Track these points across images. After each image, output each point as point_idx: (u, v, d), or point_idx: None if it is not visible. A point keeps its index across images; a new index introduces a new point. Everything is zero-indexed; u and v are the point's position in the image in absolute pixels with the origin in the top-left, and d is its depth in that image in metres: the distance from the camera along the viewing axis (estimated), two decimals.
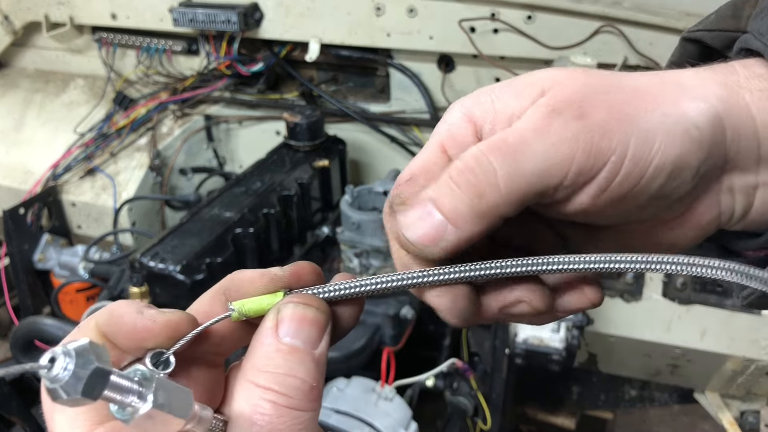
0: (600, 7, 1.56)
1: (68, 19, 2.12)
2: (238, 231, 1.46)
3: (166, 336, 0.37)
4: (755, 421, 1.79)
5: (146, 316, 0.37)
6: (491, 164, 0.36)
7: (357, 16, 1.79)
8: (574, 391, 2.11)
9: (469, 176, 0.36)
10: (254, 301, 0.38)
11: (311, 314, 0.37)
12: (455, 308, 0.40)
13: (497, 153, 0.36)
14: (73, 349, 0.29)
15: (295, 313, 0.37)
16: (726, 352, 1.66)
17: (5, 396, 1.64)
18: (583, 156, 0.36)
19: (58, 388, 0.28)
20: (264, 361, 0.35)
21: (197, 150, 2.18)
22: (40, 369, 0.29)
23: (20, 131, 2.20)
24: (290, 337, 0.36)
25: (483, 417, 1.57)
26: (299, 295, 0.38)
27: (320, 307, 0.38)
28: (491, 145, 0.36)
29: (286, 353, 0.36)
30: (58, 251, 1.97)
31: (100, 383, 0.29)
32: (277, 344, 0.36)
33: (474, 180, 0.36)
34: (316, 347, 0.37)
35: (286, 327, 0.36)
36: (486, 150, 0.36)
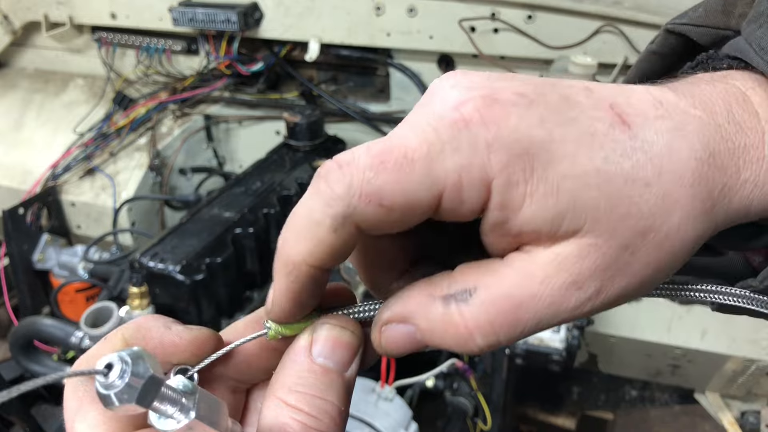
0: (600, 7, 1.55)
1: (68, 18, 2.12)
2: (238, 231, 1.46)
3: (192, 353, 0.37)
4: (756, 422, 1.78)
5: (173, 332, 0.37)
6: (497, 339, 0.34)
7: (357, 16, 1.79)
8: (575, 392, 2.11)
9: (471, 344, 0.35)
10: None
11: (346, 337, 0.37)
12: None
13: (506, 330, 0.34)
14: (130, 357, 0.29)
15: (330, 335, 0.36)
16: (726, 352, 1.66)
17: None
18: (578, 317, 0.36)
19: (111, 394, 0.29)
20: (295, 380, 0.35)
21: (197, 150, 2.18)
22: (97, 375, 0.29)
23: (20, 131, 2.19)
24: (323, 358, 0.36)
25: (483, 417, 1.56)
26: (335, 317, 0.38)
27: (355, 330, 0.38)
28: (502, 321, 0.34)
29: (319, 374, 0.35)
30: (58, 251, 1.97)
31: (153, 392, 0.30)
32: (310, 364, 0.36)
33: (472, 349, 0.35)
34: (347, 370, 0.37)
35: (320, 347, 0.36)
36: (497, 326, 0.34)
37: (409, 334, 0.35)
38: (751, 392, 1.79)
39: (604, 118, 0.33)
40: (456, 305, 0.34)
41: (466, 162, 0.31)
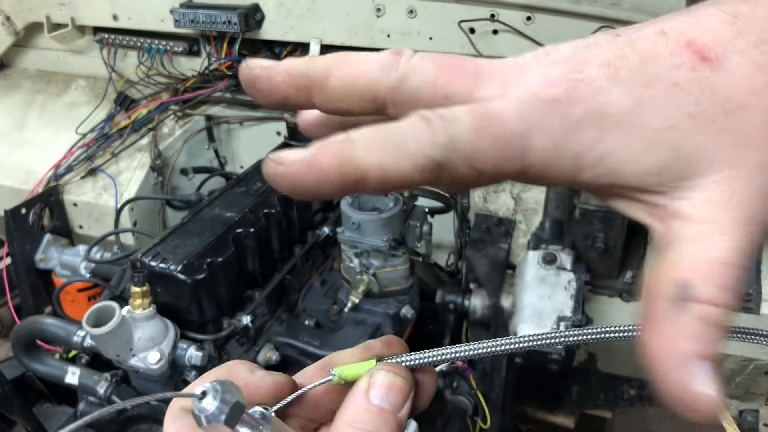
0: (599, 8, 1.56)
1: (69, 19, 2.13)
2: (239, 231, 1.47)
3: (271, 395, 0.43)
4: (754, 421, 1.79)
5: (257, 376, 0.43)
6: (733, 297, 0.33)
7: (357, 17, 1.80)
8: (574, 391, 2.11)
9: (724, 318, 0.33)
10: (352, 368, 0.44)
11: (399, 382, 0.42)
12: None
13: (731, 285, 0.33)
14: (221, 386, 0.36)
15: (384, 380, 0.42)
16: (725, 351, 1.67)
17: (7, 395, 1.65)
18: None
19: (203, 416, 0.36)
20: (354, 417, 0.41)
21: (198, 150, 2.19)
22: (193, 398, 0.36)
23: (22, 132, 2.20)
24: (379, 399, 0.41)
25: (483, 416, 1.57)
26: (390, 365, 0.43)
27: (406, 377, 0.43)
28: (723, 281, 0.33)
29: (374, 413, 0.41)
30: (60, 251, 1.98)
31: (237, 415, 0.36)
32: (367, 404, 0.41)
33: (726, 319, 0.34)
34: (400, 411, 0.42)
35: (376, 391, 0.41)
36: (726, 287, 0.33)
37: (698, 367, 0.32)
38: (750, 391, 1.79)
39: (685, 63, 0.33)
40: (688, 301, 0.33)
41: (557, 139, 0.33)
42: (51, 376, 1.44)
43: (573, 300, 1.52)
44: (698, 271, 0.32)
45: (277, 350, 1.49)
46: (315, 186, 0.34)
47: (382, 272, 1.58)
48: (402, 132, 0.34)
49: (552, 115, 0.33)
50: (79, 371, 1.41)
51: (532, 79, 0.34)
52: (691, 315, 0.32)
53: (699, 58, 0.33)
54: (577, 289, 1.54)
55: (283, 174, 0.35)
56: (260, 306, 1.51)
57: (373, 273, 1.56)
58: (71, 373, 1.40)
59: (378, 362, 0.44)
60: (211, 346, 1.36)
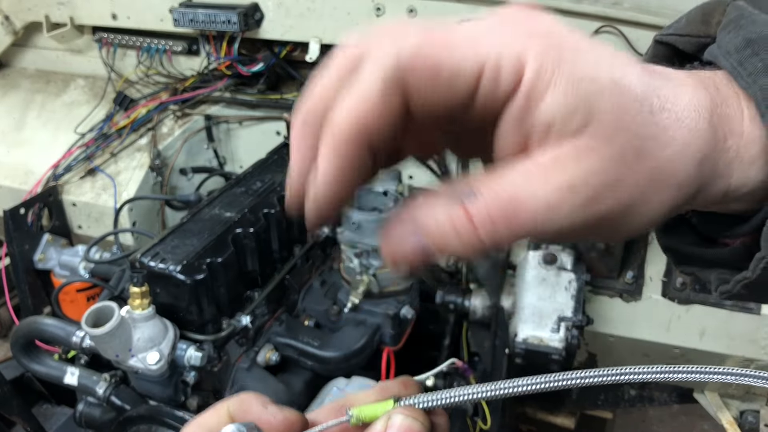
0: (600, 8, 1.56)
1: (68, 19, 2.12)
2: (239, 231, 1.46)
3: (282, 430, 0.43)
4: (755, 421, 1.79)
5: (269, 412, 0.43)
6: (497, 233, 0.36)
7: (357, 17, 1.80)
8: (574, 391, 2.11)
9: (474, 240, 0.36)
10: (369, 408, 0.43)
11: (416, 427, 0.41)
12: None
13: (505, 225, 0.36)
14: (246, 429, 0.38)
15: (403, 423, 0.41)
16: (725, 352, 1.67)
17: (6, 396, 1.64)
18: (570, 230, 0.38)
19: None
20: None
21: (197, 150, 2.18)
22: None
23: (21, 131, 2.20)
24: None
25: (483, 416, 1.57)
26: (408, 408, 0.42)
27: (424, 421, 0.42)
28: (503, 216, 0.36)
29: None
30: (59, 251, 1.98)
31: None
32: None
33: (477, 242, 0.36)
34: None
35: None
36: (497, 221, 0.36)
37: (417, 239, 0.37)
38: (750, 392, 1.79)
39: (626, 57, 0.37)
40: (459, 203, 0.36)
41: (507, 41, 0.35)
42: (50, 377, 1.43)
43: (573, 300, 1.52)
44: (489, 193, 0.35)
45: (276, 350, 1.49)
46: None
47: (382, 272, 1.57)
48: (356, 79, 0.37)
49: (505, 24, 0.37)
50: (78, 372, 1.40)
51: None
52: (449, 209, 0.36)
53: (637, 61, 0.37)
54: (577, 290, 1.54)
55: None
56: (260, 306, 1.51)
57: (373, 273, 1.56)
58: (70, 374, 1.40)
59: (396, 403, 0.43)
60: (210, 347, 1.36)
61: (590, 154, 0.35)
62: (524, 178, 0.35)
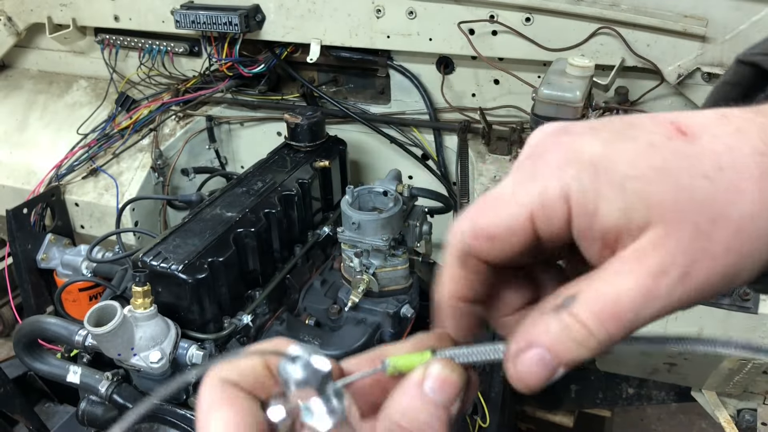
0: (598, 9, 1.57)
1: (71, 20, 2.13)
2: (240, 231, 1.48)
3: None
4: (752, 419, 1.80)
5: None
6: (608, 333, 0.37)
7: (357, 18, 1.81)
8: (573, 390, 2.12)
9: (591, 342, 0.37)
10: (406, 359, 0.43)
11: (454, 377, 0.41)
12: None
13: (613, 323, 0.37)
14: (312, 352, 0.36)
15: (440, 373, 0.41)
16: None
17: (9, 394, 1.66)
18: (677, 307, 0.38)
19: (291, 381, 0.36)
20: (407, 407, 0.40)
21: (199, 150, 2.20)
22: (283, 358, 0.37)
23: (24, 132, 2.21)
24: (433, 393, 0.40)
25: (482, 415, 1.58)
26: (445, 360, 0.43)
27: (461, 373, 0.42)
28: (607, 314, 0.37)
29: (429, 404, 0.40)
30: (61, 251, 1.99)
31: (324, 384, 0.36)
32: (422, 395, 0.40)
33: (594, 344, 0.37)
34: (452, 407, 0.41)
35: (431, 383, 0.41)
36: (604, 320, 0.37)
37: (540, 357, 0.39)
38: (748, 390, 1.80)
39: (662, 132, 0.37)
40: (565, 311, 0.38)
41: (544, 183, 0.38)
42: (52, 376, 1.45)
43: None
44: (588, 294, 0.37)
45: None
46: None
47: (382, 272, 1.58)
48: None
49: (537, 165, 0.39)
50: (80, 370, 1.41)
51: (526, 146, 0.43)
52: (559, 319, 0.38)
53: (677, 131, 0.37)
54: None
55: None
56: (261, 305, 1.52)
57: (373, 273, 1.57)
58: (73, 373, 1.41)
59: (432, 354, 0.43)
60: (212, 346, 1.37)
61: (666, 241, 0.36)
62: (615, 276, 0.37)
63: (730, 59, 1.52)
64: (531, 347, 0.39)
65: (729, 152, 0.36)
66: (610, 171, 0.37)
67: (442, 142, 1.93)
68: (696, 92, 1.60)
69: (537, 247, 0.40)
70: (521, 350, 0.39)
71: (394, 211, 1.55)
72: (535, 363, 0.39)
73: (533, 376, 0.39)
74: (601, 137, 0.38)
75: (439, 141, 1.92)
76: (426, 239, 1.75)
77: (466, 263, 0.42)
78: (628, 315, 0.36)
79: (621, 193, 0.36)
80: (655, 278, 0.36)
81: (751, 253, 0.36)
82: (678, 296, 0.36)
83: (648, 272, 0.36)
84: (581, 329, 0.37)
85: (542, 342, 0.38)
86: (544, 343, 0.38)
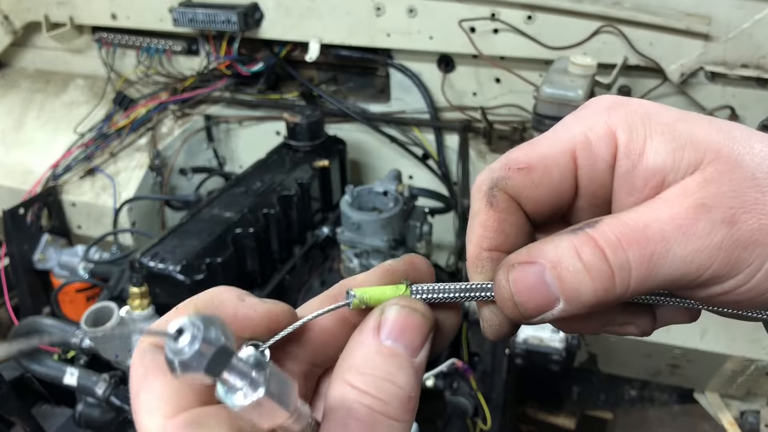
0: (600, 7, 1.56)
1: (68, 19, 2.12)
2: (238, 231, 1.46)
3: (266, 327, 0.35)
4: (755, 421, 1.79)
5: (247, 304, 0.35)
6: (628, 261, 0.33)
7: (357, 16, 1.79)
8: (575, 391, 2.11)
9: (603, 266, 0.33)
10: (376, 290, 0.36)
11: (416, 319, 0.35)
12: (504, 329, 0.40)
13: (636, 249, 0.33)
14: (202, 323, 0.27)
15: (399, 317, 0.34)
16: (726, 352, 1.67)
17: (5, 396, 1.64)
18: (720, 265, 0.33)
19: (176, 361, 0.27)
20: (363, 362, 0.33)
21: (197, 150, 2.18)
22: (168, 338, 0.27)
23: (20, 131, 2.20)
24: (392, 341, 0.34)
25: (483, 417, 1.57)
26: (406, 299, 0.36)
27: (425, 312, 0.36)
28: (630, 238, 0.33)
29: (387, 356, 0.33)
30: (58, 251, 1.97)
31: (222, 362, 0.28)
32: (378, 346, 0.34)
33: (607, 272, 0.33)
34: (417, 355, 0.34)
35: (389, 329, 0.34)
36: (625, 243, 0.33)
37: (538, 274, 0.34)
38: (751, 392, 1.79)
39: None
40: (583, 230, 0.34)
41: (590, 122, 0.37)
42: (49, 377, 1.43)
43: None
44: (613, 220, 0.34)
45: None
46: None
47: None
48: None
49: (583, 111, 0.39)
50: (77, 372, 1.40)
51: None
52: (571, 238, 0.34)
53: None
54: None
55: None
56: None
57: None
58: (70, 374, 1.40)
59: (408, 288, 0.36)
60: None
61: (718, 179, 0.32)
62: (650, 208, 0.33)
63: (733, 58, 1.51)
64: (533, 262, 0.34)
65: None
66: (662, 116, 0.35)
67: (442, 142, 1.91)
68: (699, 91, 1.58)
69: (570, 195, 0.37)
70: (520, 262, 0.35)
71: (395, 212, 1.53)
72: (532, 280, 0.34)
73: (526, 296, 0.34)
74: (654, 103, 0.37)
75: (439, 140, 1.91)
76: (426, 239, 1.74)
77: (496, 200, 0.37)
78: (657, 245, 0.32)
79: (671, 132, 0.34)
80: (696, 212, 0.32)
81: None
82: (719, 241, 0.32)
83: (689, 205, 0.32)
84: (594, 251, 0.33)
85: (547, 257, 0.34)
86: (548, 259, 0.34)
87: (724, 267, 0.33)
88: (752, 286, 0.33)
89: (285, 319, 0.36)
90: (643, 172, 0.35)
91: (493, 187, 0.37)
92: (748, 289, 0.34)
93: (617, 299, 0.34)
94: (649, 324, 0.40)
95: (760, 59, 1.49)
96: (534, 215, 0.39)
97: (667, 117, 0.35)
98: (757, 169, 0.33)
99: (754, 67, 1.50)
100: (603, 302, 0.34)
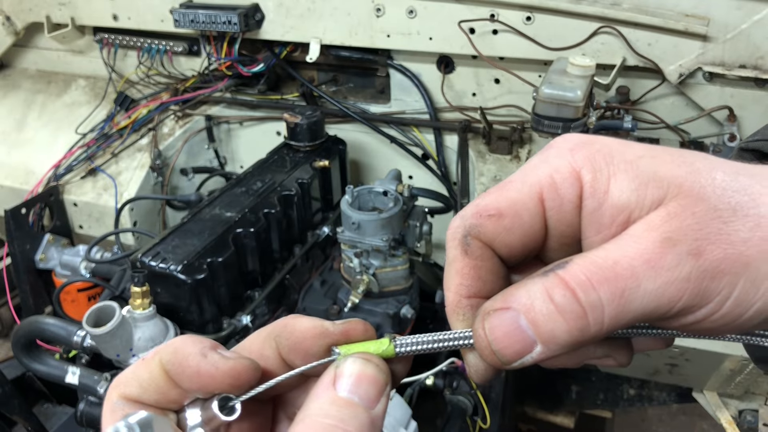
0: (599, 8, 1.56)
1: (69, 19, 2.13)
2: (239, 231, 1.47)
3: (229, 384, 0.37)
4: (753, 420, 1.79)
5: (209, 361, 0.37)
6: (600, 300, 0.33)
7: (357, 17, 1.80)
8: (573, 390, 2.12)
9: (575, 307, 0.33)
10: (359, 346, 0.38)
11: (370, 371, 0.37)
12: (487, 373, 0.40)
13: (606, 287, 0.33)
14: (139, 426, 0.31)
15: (354, 369, 0.37)
16: (724, 351, 1.67)
17: (7, 395, 1.65)
18: (690, 296, 0.33)
19: None
20: (318, 411, 0.35)
21: (198, 150, 2.19)
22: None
23: (22, 131, 2.21)
24: (347, 392, 0.36)
25: (482, 416, 1.57)
26: (362, 353, 0.38)
27: (380, 365, 0.38)
28: (600, 277, 0.33)
29: (341, 406, 0.35)
30: (60, 251, 1.98)
31: None
32: (333, 397, 0.36)
33: (580, 312, 0.33)
34: (374, 407, 0.36)
35: (344, 381, 0.36)
36: (595, 282, 0.33)
37: (513, 321, 0.35)
38: (749, 391, 1.80)
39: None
40: (554, 272, 0.35)
41: (555, 163, 0.37)
42: (51, 376, 1.44)
43: None
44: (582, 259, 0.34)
45: None
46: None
47: (382, 272, 1.58)
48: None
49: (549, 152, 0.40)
50: (79, 371, 1.41)
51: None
52: (542, 281, 0.35)
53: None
54: None
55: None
56: (260, 306, 1.51)
57: (373, 273, 1.56)
58: (71, 373, 1.40)
59: (391, 342, 0.38)
60: None
61: (681, 213, 0.33)
62: (617, 246, 0.34)
63: (731, 58, 1.51)
64: (507, 307, 0.35)
65: (745, 168, 0.35)
66: (625, 153, 0.36)
67: (442, 142, 1.92)
68: (697, 92, 1.59)
69: (541, 236, 0.38)
70: (495, 309, 0.36)
71: (394, 211, 1.54)
72: (508, 326, 0.35)
73: (504, 342, 0.35)
74: (616, 140, 0.37)
75: (439, 141, 1.92)
76: (426, 239, 1.74)
77: (470, 248, 0.38)
78: (626, 282, 0.33)
79: (634, 170, 0.35)
80: (663, 246, 0.33)
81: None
82: (687, 273, 0.33)
83: (655, 240, 0.33)
84: (565, 292, 0.33)
85: (520, 302, 0.35)
86: (521, 304, 0.35)
87: (694, 297, 0.34)
88: (724, 314, 0.34)
89: (248, 374, 0.38)
90: (610, 209, 0.36)
91: (466, 235, 0.38)
92: (721, 316, 0.34)
93: (593, 337, 0.34)
94: (627, 356, 0.42)
95: (758, 60, 1.50)
96: (508, 258, 0.40)
97: (630, 155, 0.36)
98: (719, 200, 0.34)
99: (752, 67, 1.50)
100: (580, 342, 0.35)
